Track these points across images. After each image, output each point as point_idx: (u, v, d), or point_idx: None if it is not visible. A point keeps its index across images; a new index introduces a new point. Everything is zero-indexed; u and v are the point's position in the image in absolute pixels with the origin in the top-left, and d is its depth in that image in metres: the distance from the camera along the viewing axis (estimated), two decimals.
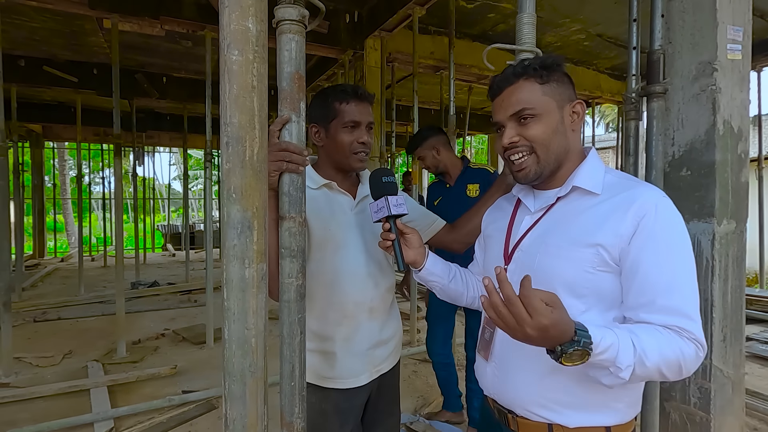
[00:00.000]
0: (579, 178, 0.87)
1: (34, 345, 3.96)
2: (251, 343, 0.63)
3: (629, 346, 0.71)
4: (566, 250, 0.83)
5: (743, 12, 1.40)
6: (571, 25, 4.51)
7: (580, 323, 0.70)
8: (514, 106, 0.88)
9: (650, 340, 0.73)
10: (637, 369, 0.72)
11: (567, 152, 0.89)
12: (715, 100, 1.34)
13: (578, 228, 0.83)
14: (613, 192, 0.84)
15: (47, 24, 4.38)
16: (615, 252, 0.79)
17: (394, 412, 1.33)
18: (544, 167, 0.88)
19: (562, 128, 0.88)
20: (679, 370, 0.75)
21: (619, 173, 0.89)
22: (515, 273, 0.91)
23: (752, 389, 2.83)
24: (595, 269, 0.81)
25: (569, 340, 0.67)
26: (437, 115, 6.99)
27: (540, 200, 0.93)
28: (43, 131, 9.53)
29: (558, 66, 0.89)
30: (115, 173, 3.90)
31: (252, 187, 0.59)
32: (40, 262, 9.15)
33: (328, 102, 1.18)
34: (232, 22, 0.57)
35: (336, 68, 4.87)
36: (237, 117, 0.58)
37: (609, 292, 0.82)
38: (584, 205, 0.85)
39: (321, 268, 1.16)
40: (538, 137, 0.87)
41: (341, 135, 1.17)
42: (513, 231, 0.96)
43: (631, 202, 0.80)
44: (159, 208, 19.93)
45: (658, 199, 0.80)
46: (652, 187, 0.84)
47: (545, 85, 0.87)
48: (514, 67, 0.90)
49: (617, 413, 0.84)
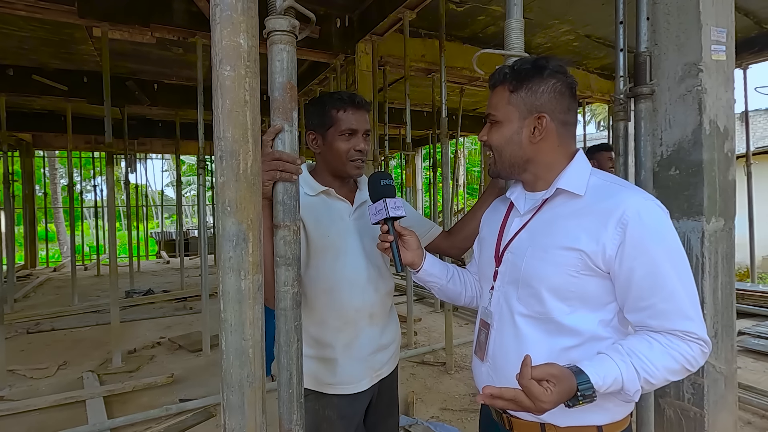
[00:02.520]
0: (563, 180, 0.88)
1: (28, 357, 3.92)
2: (249, 353, 0.63)
3: (633, 374, 0.75)
4: (551, 253, 0.85)
5: (726, 14, 1.43)
6: (560, 27, 4.55)
7: (579, 371, 0.73)
8: (488, 108, 0.94)
9: (653, 357, 0.76)
10: (645, 387, 0.76)
11: (526, 161, 0.92)
12: (701, 100, 1.36)
13: (562, 232, 0.85)
14: (598, 197, 0.85)
15: (36, 33, 4.35)
16: (597, 259, 0.81)
17: (392, 413, 1.34)
18: (500, 169, 0.95)
19: (517, 139, 0.90)
20: (685, 371, 0.78)
21: (604, 175, 0.90)
22: (505, 274, 0.94)
23: (745, 383, 2.86)
24: (578, 273, 0.83)
25: (573, 395, 0.72)
26: (430, 117, 7.02)
27: (529, 202, 0.96)
28: (33, 140, 9.45)
29: (534, 73, 0.88)
30: (107, 182, 3.88)
31: (246, 199, 0.60)
32: (32, 273, 9.06)
33: (326, 110, 1.19)
34: (223, 39, 0.58)
35: (328, 72, 4.88)
36: (230, 131, 0.59)
37: (594, 294, 0.84)
38: (569, 209, 0.87)
39: (320, 275, 1.16)
40: (493, 142, 0.93)
41: (338, 143, 1.18)
42: (504, 233, 0.98)
43: (613, 209, 0.80)
44: (152, 215, 19.80)
45: (641, 205, 0.80)
46: (636, 191, 0.84)
47: (513, 94, 0.89)
48: (502, 68, 0.93)
49: (608, 412, 0.86)
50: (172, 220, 21.27)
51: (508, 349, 0.91)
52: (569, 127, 0.92)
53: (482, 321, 0.99)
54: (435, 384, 3.22)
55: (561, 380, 0.71)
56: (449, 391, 3.09)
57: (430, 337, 4.33)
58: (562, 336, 0.85)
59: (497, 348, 0.93)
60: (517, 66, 0.90)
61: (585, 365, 0.74)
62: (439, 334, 4.26)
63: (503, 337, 0.93)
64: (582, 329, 0.84)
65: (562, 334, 0.85)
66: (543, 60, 0.89)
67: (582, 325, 0.84)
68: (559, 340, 0.85)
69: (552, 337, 0.86)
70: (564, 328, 0.85)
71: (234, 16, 0.58)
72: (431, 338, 4.30)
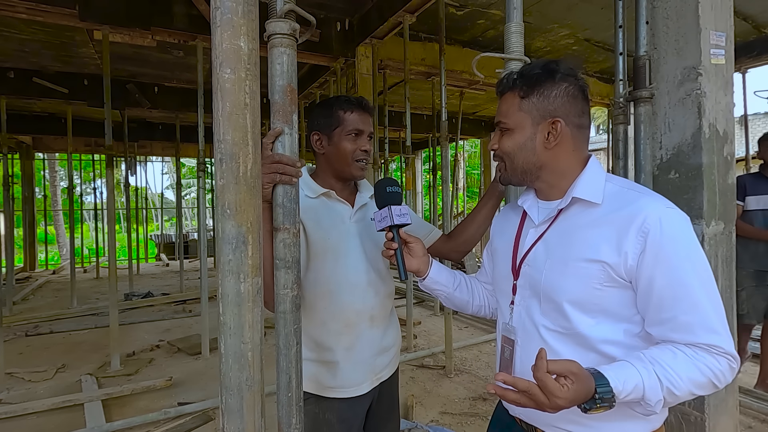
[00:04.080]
0: (578, 188, 0.85)
1: (27, 360, 3.91)
2: (248, 357, 0.63)
3: (655, 382, 0.71)
4: (572, 266, 0.82)
5: (725, 18, 1.43)
6: (559, 30, 4.57)
7: (599, 374, 0.69)
8: (497, 116, 0.92)
9: (677, 367, 0.72)
10: (668, 398, 0.71)
11: (540, 167, 0.89)
12: (700, 104, 1.37)
13: (582, 244, 0.82)
14: (616, 205, 0.82)
15: (37, 36, 4.36)
16: (620, 269, 0.78)
17: (392, 417, 1.34)
18: (511, 177, 0.93)
19: (530, 145, 0.88)
20: (712, 386, 0.74)
21: (620, 180, 0.88)
22: (524, 288, 0.91)
23: (746, 387, 2.86)
24: (602, 285, 0.79)
25: (591, 397, 0.68)
26: (429, 120, 7.03)
27: (543, 212, 0.92)
28: (33, 142, 9.45)
29: (545, 77, 0.86)
30: (108, 184, 3.88)
31: (246, 202, 0.60)
32: (31, 275, 9.04)
33: (332, 111, 1.20)
34: (224, 41, 0.58)
35: (328, 76, 4.89)
36: (230, 134, 0.59)
37: (617, 306, 0.80)
38: (587, 219, 0.84)
39: (320, 278, 1.16)
40: (505, 150, 0.91)
41: (344, 143, 1.19)
42: (520, 245, 0.95)
43: (633, 217, 0.78)
44: (152, 218, 19.78)
45: (662, 212, 0.77)
46: (655, 197, 0.81)
47: (524, 100, 0.87)
48: (508, 76, 0.91)
49: (647, 421, 0.81)
50: (172, 223, 21.27)
51: None
52: (583, 130, 0.89)
53: (504, 338, 0.94)
54: (435, 387, 3.21)
55: (580, 379, 0.67)
56: (449, 394, 3.08)
57: (430, 341, 4.32)
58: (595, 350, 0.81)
59: (525, 365, 0.88)
60: (526, 71, 0.88)
61: (604, 369, 0.71)
62: (439, 338, 4.25)
63: (530, 352, 0.87)
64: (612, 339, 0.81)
65: (593, 348, 0.81)
66: (553, 63, 0.87)
67: (610, 335, 0.81)
68: (590, 355, 0.81)
69: (586, 352, 0.82)
70: (594, 341, 0.81)
71: (234, 19, 0.58)
72: (431, 341, 4.29)
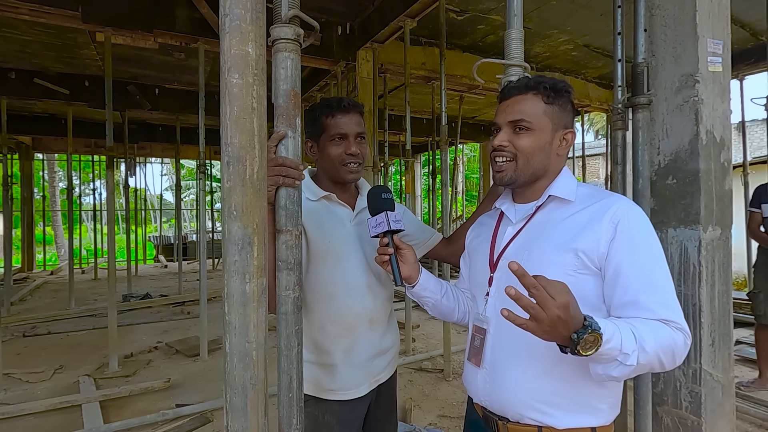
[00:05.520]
0: (554, 188, 0.95)
1: (24, 360, 3.90)
2: (252, 356, 0.64)
3: (629, 333, 0.75)
4: (549, 255, 0.89)
5: (722, 26, 1.45)
6: (559, 36, 4.60)
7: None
8: (515, 114, 0.94)
9: (644, 328, 0.78)
10: (641, 356, 0.75)
11: (545, 170, 0.96)
12: (697, 110, 1.38)
13: (559, 234, 0.90)
14: (588, 202, 0.92)
15: (39, 37, 4.38)
16: (594, 255, 0.85)
17: (390, 420, 1.34)
18: (519, 176, 0.96)
19: (548, 149, 0.95)
20: (673, 356, 0.79)
21: (590, 186, 0.98)
22: (501, 281, 0.95)
23: (743, 393, 2.86)
24: (576, 272, 0.86)
25: (581, 326, 0.71)
26: (429, 124, 7.06)
27: (520, 212, 1.00)
28: (32, 143, 9.46)
29: (567, 93, 0.96)
30: (107, 186, 3.88)
31: (252, 204, 0.61)
32: (29, 276, 9.02)
33: (316, 117, 1.20)
34: (232, 47, 0.59)
35: (329, 79, 4.91)
36: (237, 137, 0.60)
37: (591, 294, 0.86)
38: (562, 214, 0.93)
39: (320, 281, 1.17)
40: (524, 149, 0.94)
41: (330, 148, 1.19)
42: (497, 241, 1.01)
43: (605, 209, 0.87)
44: (151, 219, 19.76)
45: (629, 206, 0.88)
46: (622, 196, 0.92)
47: (548, 105, 0.94)
48: (529, 79, 0.96)
49: (602, 414, 0.89)
50: (171, 224, 21.25)
51: (506, 353, 0.92)
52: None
53: (476, 327, 1.00)
54: (433, 391, 3.21)
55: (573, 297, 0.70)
56: (447, 398, 3.08)
57: (428, 344, 4.32)
58: None
59: (496, 353, 0.94)
60: (549, 82, 0.95)
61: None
62: (437, 341, 4.25)
63: (502, 342, 0.93)
64: None
65: None
66: (563, 83, 0.96)
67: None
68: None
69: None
70: None
71: (243, 26, 0.59)
72: (429, 345, 4.29)
